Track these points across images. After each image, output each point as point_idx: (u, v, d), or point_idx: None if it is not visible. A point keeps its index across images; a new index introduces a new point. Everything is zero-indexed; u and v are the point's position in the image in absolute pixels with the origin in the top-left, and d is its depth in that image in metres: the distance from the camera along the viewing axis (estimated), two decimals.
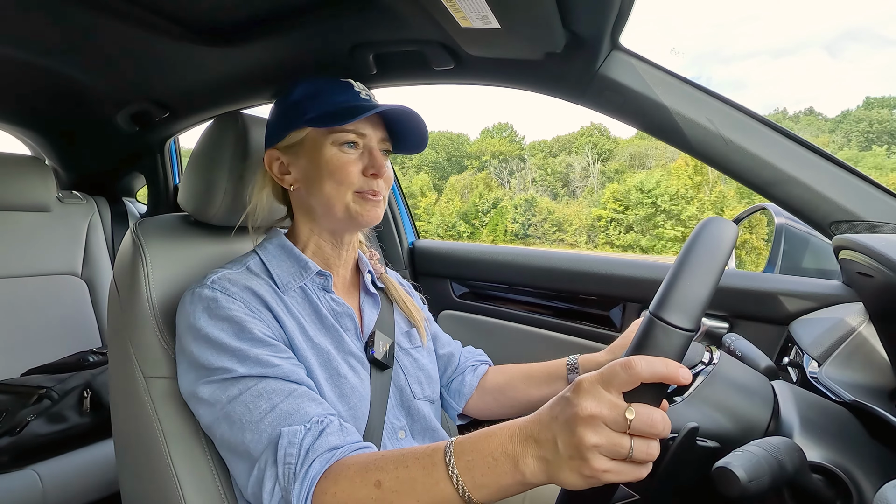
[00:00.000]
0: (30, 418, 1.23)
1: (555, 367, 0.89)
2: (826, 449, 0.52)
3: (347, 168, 0.73)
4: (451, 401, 0.94)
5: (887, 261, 0.61)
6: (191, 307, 0.67)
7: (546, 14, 0.73)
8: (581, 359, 0.87)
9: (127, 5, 0.94)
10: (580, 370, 0.86)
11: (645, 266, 1.23)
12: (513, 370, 0.94)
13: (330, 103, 0.74)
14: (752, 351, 0.77)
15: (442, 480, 0.50)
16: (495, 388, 0.93)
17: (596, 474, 0.43)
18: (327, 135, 0.73)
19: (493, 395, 0.93)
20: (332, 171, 0.72)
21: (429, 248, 1.59)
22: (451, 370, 0.95)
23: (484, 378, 0.95)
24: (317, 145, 0.74)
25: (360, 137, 0.74)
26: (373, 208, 0.74)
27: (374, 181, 0.74)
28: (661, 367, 0.43)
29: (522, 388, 0.90)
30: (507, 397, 0.91)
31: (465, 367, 0.96)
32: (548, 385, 0.88)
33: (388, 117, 0.77)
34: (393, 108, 0.73)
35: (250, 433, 0.60)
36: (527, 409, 0.89)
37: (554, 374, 0.88)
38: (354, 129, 0.73)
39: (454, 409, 0.94)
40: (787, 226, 1.31)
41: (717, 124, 0.88)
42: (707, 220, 0.50)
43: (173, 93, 1.39)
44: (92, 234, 1.74)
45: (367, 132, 0.74)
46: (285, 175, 0.77)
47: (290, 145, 0.76)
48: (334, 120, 0.72)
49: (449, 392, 0.94)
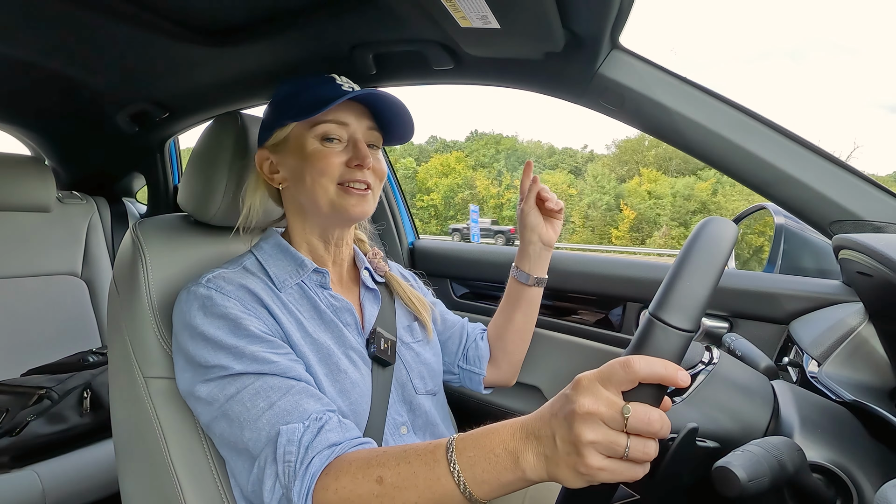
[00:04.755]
0: (30, 418, 1.23)
1: (509, 286, 0.95)
2: (826, 449, 0.52)
3: (330, 160, 0.72)
4: (473, 368, 0.96)
5: (887, 260, 0.61)
6: (186, 305, 0.67)
7: (546, 14, 0.73)
8: (516, 262, 0.94)
9: (127, 6, 0.94)
10: (517, 269, 0.93)
11: (645, 266, 1.23)
12: (491, 323, 0.99)
13: (310, 97, 0.73)
14: (752, 351, 0.77)
15: (443, 476, 0.50)
16: (493, 345, 0.98)
17: (591, 472, 0.43)
18: (309, 129, 0.73)
19: (495, 353, 0.97)
20: (315, 164, 0.72)
21: (429, 247, 1.59)
22: (462, 342, 0.98)
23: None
24: (300, 141, 0.73)
25: (343, 128, 0.73)
26: (358, 202, 0.73)
27: (358, 172, 0.73)
28: (660, 369, 0.43)
29: (504, 324, 0.96)
30: (503, 342, 0.96)
31: (473, 335, 0.99)
32: (514, 305, 0.94)
33: (373, 108, 0.76)
34: (368, 92, 0.72)
35: (249, 431, 0.60)
36: (522, 340, 0.97)
37: (511, 295, 0.94)
38: (335, 118, 0.72)
39: (478, 377, 0.96)
40: (786, 225, 1.31)
41: (717, 124, 0.88)
42: (706, 220, 0.49)
43: (173, 93, 1.39)
44: (92, 234, 1.74)
45: (350, 122, 0.74)
46: (274, 174, 0.77)
47: (276, 143, 0.76)
48: (312, 110, 0.71)
49: (468, 361, 0.96)
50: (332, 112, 0.72)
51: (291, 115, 0.74)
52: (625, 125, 1.00)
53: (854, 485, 0.50)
